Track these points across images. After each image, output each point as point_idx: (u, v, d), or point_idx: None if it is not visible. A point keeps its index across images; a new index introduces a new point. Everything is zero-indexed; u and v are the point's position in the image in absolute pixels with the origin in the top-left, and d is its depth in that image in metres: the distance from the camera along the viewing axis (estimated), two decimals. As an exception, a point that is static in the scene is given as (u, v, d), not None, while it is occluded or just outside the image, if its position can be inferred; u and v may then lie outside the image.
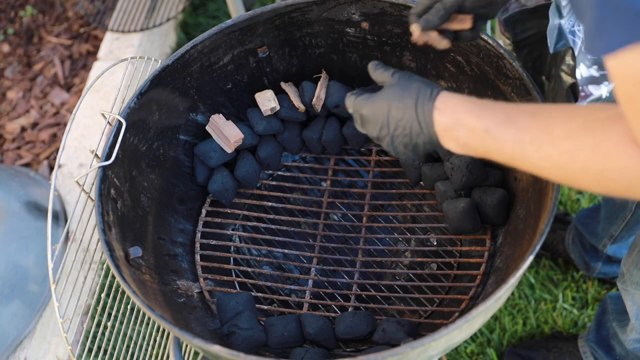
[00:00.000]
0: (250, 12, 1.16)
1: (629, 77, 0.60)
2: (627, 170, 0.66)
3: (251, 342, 1.03)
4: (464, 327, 0.84)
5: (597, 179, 0.68)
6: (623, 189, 0.68)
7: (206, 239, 1.22)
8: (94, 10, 2.30)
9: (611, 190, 0.69)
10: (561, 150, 0.70)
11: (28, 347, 1.56)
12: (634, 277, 1.20)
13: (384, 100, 0.85)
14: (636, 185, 0.66)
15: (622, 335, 1.34)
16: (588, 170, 0.68)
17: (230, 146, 1.20)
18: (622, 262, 1.23)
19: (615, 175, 0.67)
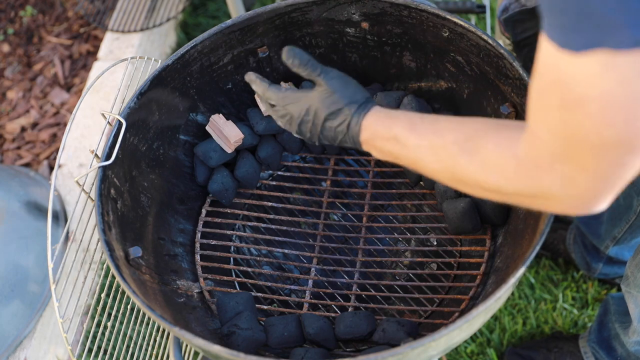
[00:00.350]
0: (250, 12, 1.16)
1: (551, 72, 0.58)
2: (500, 170, 0.70)
3: (251, 342, 1.04)
4: (464, 327, 0.84)
5: (477, 181, 0.74)
6: (495, 190, 0.73)
7: (206, 239, 1.22)
8: (94, 10, 2.30)
9: (486, 192, 0.75)
10: (449, 152, 0.76)
11: (28, 347, 1.56)
12: (638, 280, 1.20)
13: (309, 105, 0.92)
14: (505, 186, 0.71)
15: (624, 337, 1.33)
16: (468, 172, 0.74)
17: (230, 146, 1.20)
18: (627, 265, 1.23)
19: (491, 177, 0.72)
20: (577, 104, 0.57)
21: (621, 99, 0.55)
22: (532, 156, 0.66)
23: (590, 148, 0.59)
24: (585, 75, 0.55)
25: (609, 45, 0.52)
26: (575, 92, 0.56)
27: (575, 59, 0.55)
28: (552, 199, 0.67)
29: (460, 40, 1.10)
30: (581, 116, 0.57)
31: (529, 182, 0.68)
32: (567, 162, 0.62)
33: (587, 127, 0.57)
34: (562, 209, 0.68)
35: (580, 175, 0.62)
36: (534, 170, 0.66)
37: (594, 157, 0.60)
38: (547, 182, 0.65)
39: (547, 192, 0.67)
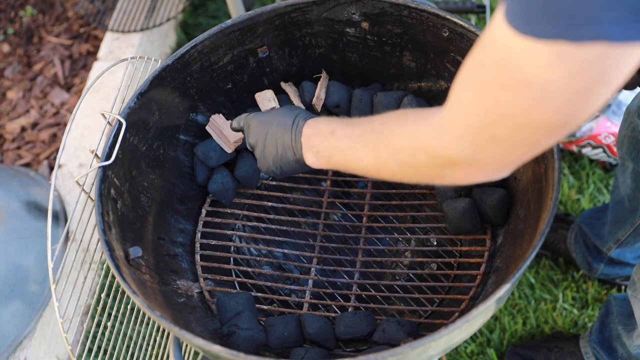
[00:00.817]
0: (250, 12, 1.16)
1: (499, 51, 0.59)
2: (415, 139, 0.74)
3: (251, 342, 1.04)
4: (464, 327, 0.84)
5: (394, 154, 0.78)
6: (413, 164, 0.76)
7: (206, 239, 1.22)
8: (94, 10, 2.30)
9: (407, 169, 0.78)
10: (375, 132, 0.81)
11: (28, 347, 1.56)
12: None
13: (271, 115, 0.99)
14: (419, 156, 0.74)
15: (628, 339, 1.33)
16: (388, 146, 0.78)
17: (230, 146, 1.20)
18: (634, 271, 1.23)
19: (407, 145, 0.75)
20: (519, 86, 0.59)
21: (563, 91, 0.57)
22: (446, 122, 0.69)
23: (513, 125, 0.62)
24: (536, 62, 0.57)
25: (569, 38, 0.54)
26: (520, 75, 0.58)
27: (531, 45, 0.56)
28: (460, 167, 0.70)
29: (460, 40, 1.10)
30: (518, 98, 0.59)
31: (438, 146, 0.71)
32: (482, 132, 0.65)
33: (520, 108, 0.60)
34: (466, 177, 0.72)
35: (492, 145, 0.65)
36: (445, 135, 0.69)
37: (511, 132, 0.63)
38: (456, 148, 0.68)
39: (455, 159, 0.70)
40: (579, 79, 0.56)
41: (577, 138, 1.79)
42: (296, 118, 0.95)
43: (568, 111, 0.59)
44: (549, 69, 0.56)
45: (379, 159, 0.81)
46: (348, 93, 1.24)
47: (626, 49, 0.54)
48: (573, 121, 0.61)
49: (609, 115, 1.75)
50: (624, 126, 1.27)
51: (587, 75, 0.56)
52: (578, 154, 1.85)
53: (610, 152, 1.79)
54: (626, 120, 1.25)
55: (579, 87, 0.57)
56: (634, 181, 1.30)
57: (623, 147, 1.28)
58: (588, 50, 0.54)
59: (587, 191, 1.80)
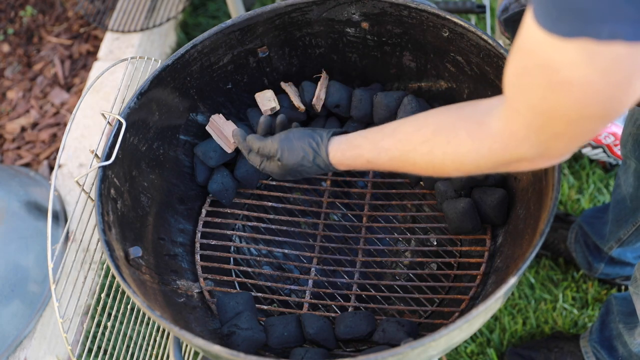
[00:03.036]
0: (250, 12, 1.16)
1: (538, 56, 0.64)
2: (477, 151, 0.78)
3: (251, 342, 1.03)
4: (464, 327, 0.84)
5: (457, 169, 0.83)
6: (473, 167, 0.81)
7: (206, 239, 1.22)
8: (94, 10, 2.30)
9: (466, 171, 0.83)
10: (421, 153, 0.85)
11: (28, 347, 1.56)
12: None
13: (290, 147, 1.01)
14: (484, 162, 0.79)
15: (629, 337, 1.33)
16: (446, 163, 0.82)
17: (230, 146, 1.20)
18: (636, 268, 1.23)
19: (468, 159, 0.80)
20: (561, 86, 0.63)
21: (602, 87, 0.62)
22: (508, 130, 0.74)
23: (567, 120, 0.67)
24: (569, 62, 0.61)
25: (590, 35, 0.58)
26: (559, 76, 0.63)
27: (562, 45, 0.60)
28: (525, 161, 0.76)
29: (460, 40, 1.10)
30: (564, 96, 0.64)
31: (505, 153, 0.76)
32: (543, 131, 0.70)
33: (568, 105, 0.65)
34: (533, 166, 0.77)
35: (555, 141, 0.71)
36: (510, 142, 0.74)
37: (569, 127, 0.68)
38: (523, 150, 0.74)
39: (522, 158, 0.75)
40: (614, 75, 0.60)
41: (577, 138, 1.78)
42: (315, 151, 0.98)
43: (612, 103, 0.63)
44: (582, 68, 0.60)
45: (438, 172, 0.86)
46: (348, 93, 1.24)
47: None
48: (620, 108, 0.65)
49: (609, 115, 1.75)
50: (629, 123, 1.26)
51: (620, 70, 0.60)
52: (578, 154, 1.85)
53: (610, 152, 1.79)
54: (632, 117, 1.24)
55: (615, 81, 0.61)
56: (636, 180, 1.30)
57: (627, 144, 1.28)
58: (613, 49, 0.58)
59: (587, 191, 1.80)
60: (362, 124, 1.25)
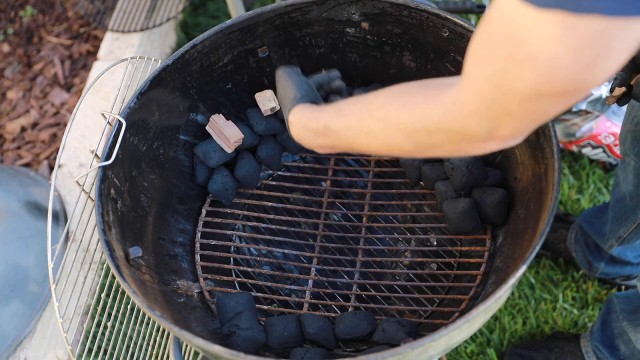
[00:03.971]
0: (250, 12, 1.16)
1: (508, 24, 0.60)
2: (429, 117, 0.74)
3: (251, 342, 1.04)
4: (464, 327, 0.84)
5: (408, 136, 0.77)
6: (425, 139, 0.76)
7: (206, 239, 1.22)
8: (94, 10, 2.30)
9: (423, 147, 0.77)
10: (377, 118, 0.80)
11: (28, 347, 1.56)
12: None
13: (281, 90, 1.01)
14: (435, 133, 0.74)
15: (634, 335, 1.33)
16: (399, 128, 0.77)
17: (230, 146, 1.20)
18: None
19: (419, 126, 0.75)
20: (526, 60, 0.60)
21: (569, 65, 0.58)
22: (460, 100, 0.70)
23: (522, 97, 0.63)
24: (542, 35, 0.58)
25: (568, 8, 0.55)
26: (527, 49, 0.59)
27: (535, 15, 0.57)
28: (475, 140, 0.72)
29: (460, 40, 1.11)
30: (526, 71, 0.60)
31: (455, 124, 0.72)
32: (495, 106, 0.66)
33: (528, 81, 0.61)
34: (482, 148, 0.73)
35: (505, 118, 0.67)
36: (460, 112, 0.70)
37: (522, 104, 0.64)
38: (472, 124, 0.70)
39: (471, 134, 0.71)
40: (584, 54, 0.57)
41: (577, 138, 1.79)
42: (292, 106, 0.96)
43: (574, 83, 0.60)
44: (554, 42, 0.57)
45: (389, 143, 0.81)
46: (348, 93, 1.24)
47: (626, 23, 0.55)
48: (580, 92, 0.62)
49: (609, 115, 1.75)
50: (627, 120, 1.26)
51: (592, 49, 0.57)
52: (578, 154, 1.85)
53: (610, 152, 1.79)
54: (630, 114, 1.24)
55: (583, 60, 0.58)
56: (636, 177, 1.30)
57: (626, 142, 1.28)
58: (589, 24, 0.55)
59: (587, 191, 1.80)
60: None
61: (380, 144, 0.81)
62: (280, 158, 1.29)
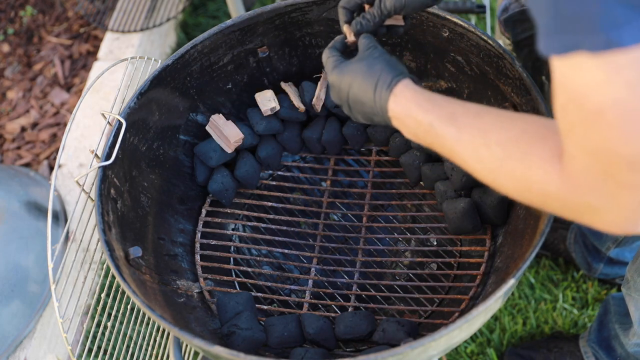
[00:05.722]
0: (250, 12, 1.16)
1: (565, 87, 0.57)
2: (544, 185, 0.68)
3: (251, 342, 1.04)
4: (464, 327, 0.84)
5: (518, 188, 0.72)
6: (540, 202, 0.71)
7: (206, 239, 1.22)
8: (94, 10, 2.30)
9: (530, 201, 0.72)
10: (493, 155, 0.73)
11: (28, 347, 1.56)
12: (637, 285, 1.20)
13: (349, 75, 0.88)
14: (550, 201, 0.69)
15: (624, 338, 1.33)
16: (512, 179, 0.71)
17: (230, 146, 1.20)
18: (627, 269, 1.23)
19: (534, 188, 0.69)
20: (593, 115, 0.55)
21: (631, 101, 0.53)
22: (572, 174, 0.64)
23: (622, 160, 0.57)
24: (593, 84, 0.54)
25: (588, 48, 0.52)
26: (587, 104, 0.55)
27: (577, 64, 0.53)
28: (598, 215, 0.65)
29: (460, 40, 1.10)
30: (600, 127, 0.56)
31: (573, 198, 0.65)
32: (606, 178, 0.60)
33: (611, 137, 0.56)
34: (610, 225, 0.65)
35: (622, 191, 0.60)
36: (575, 188, 0.64)
37: (630, 172, 0.57)
38: (592, 199, 0.63)
39: (593, 208, 0.64)
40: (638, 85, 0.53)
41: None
42: (377, 86, 0.84)
43: None
44: (607, 87, 0.53)
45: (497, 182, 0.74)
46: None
47: None
48: None
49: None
50: None
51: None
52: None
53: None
54: None
55: None
56: None
57: None
58: (624, 56, 0.52)
59: (587, 191, 1.80)
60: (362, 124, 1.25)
61: (489, 178, 0.75)
62: (280, 158, 1.29)
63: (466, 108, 0.78)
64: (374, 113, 0.86)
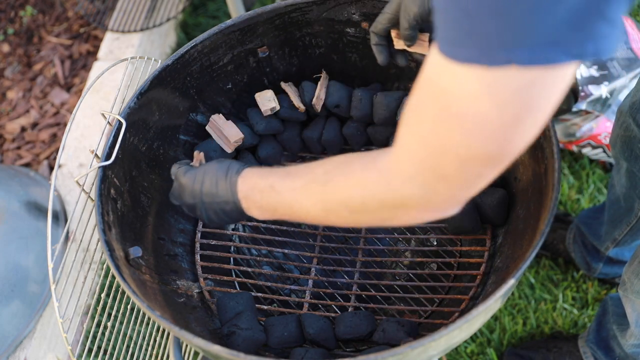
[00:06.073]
0: (250, 12, 1.16)
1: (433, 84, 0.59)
2: (364, 184, 0.72)
3: (251, 342, 1.04)
4: (464, 327, 0.84)
5: (345, 203, 0.75)
6: (366, 211, 0.74)
7: (206, 239, 1.22)
8: (94, 10, 2.30)
9: (360, 214, 0.76)
10: (320, 182, 0.78)
11: (28, 347, 1.56)
12: (634, 286, 1.20)
13: (201, 173, 0.94)
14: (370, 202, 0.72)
15: (622, 339, 1.33)
16: (336, 194, 0.76)
17: (230, 146, 1.20)
18: (624, 271, 1.23)
19: (358, 194, 0.73)
20: (454, 119, 0.58)
21: (495, 122, 0.57)
22: (394, 166, 0.68)
23: (456, 159, 0.61)
24: (466, 92, 0.56)
25: (484, 62, 0.54)
26: (453, 108, 0.58)
27: (457, 71, 0.56)
28: (412, 208, 0.70)
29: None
30: (455, 130, 0.59)
31: (389, 192, 0.70)
32: (429, 171, 0.65)
33: (458, 141, 0.60)
34: (417, 217, 0.71)
35: (441, 183, 0.65)
36: (394, 179, 0.68)
37: (457, 168, 0.62)
38: (407, 191, 0.68)
39: (407, 201, 0.69)
40: (508, 109, 0.56)
41: (577, 138, 1.79)
42: (228, 172, 0.91)
43: (503, 141, 0.59)
44: (477, 99, 0.56)
45: (328, 208, 0.80)
46: (348, 93, 1.24)
47: (543, 72, 0.54)
48: (511, 150, 0.61)
49: (608, 115, 1.75)
50: (616, 125, 1.27)
51: (515, 103, 0.56)
52: (578, 154, 1.85)
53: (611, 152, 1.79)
54: (619, 119, 1.26)
55: (509, 116, 0.57)
56: (628, 180, 1.30)
57: (616, 146, 1.29)
58: (507, 76, 0.54)
59: (587, 191, 1.80)
60: (362, 123, 1.25)
61: (319, 209, 0.80)
62: (281, 158, 1.29)
63: (300, 164, 0.85)
64: (225, 201, 0.90)
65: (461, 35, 0.54)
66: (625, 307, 1.26)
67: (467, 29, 0.54)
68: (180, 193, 0.97)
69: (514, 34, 0.52)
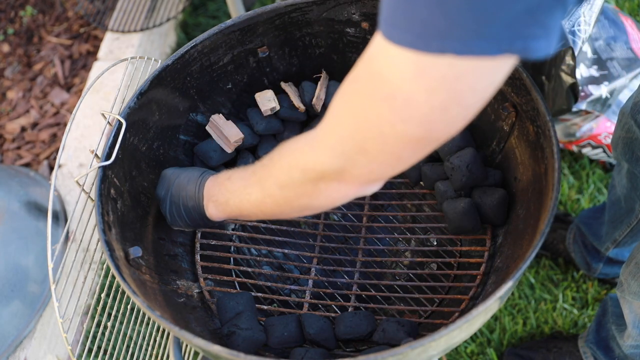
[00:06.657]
0: (250, 12, 1.16)
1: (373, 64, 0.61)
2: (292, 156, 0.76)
3: (251, 342, 1.03)
4: (464, 327, 0.84)
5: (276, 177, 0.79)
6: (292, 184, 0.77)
7: (206, 239, 1.22)
8: (94, 10, 2.30)
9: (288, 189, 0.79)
10: (263, 164, 0.84)
11: (28, 347, 1.56)
12: (631, 288, 1.20)
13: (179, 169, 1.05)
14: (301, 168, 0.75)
15: (620, 339, 1.34)
16: (271, 174, 0.81)
17: (230, 146, 1.20)
18: (621, 272, 1.24)
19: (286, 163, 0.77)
20: (385, 98, 0.61)
21: (423, 106, 0.59)
22: (320, 134, 0.71)
23: (379, 136, 0.64)
24: (400, 74, 0.58)
25: (420, 48, 0.56)
26: (387, 87, 0.60)
27: (395, 53, 0.58)
28: (332, 179, 0.72)
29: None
30: (384, 108, 0.61)
31: (311, 159, 0.72)
32: (351, 141, 0.67)
33: (385, 119, 0.62)
34: (338, 191, 0.74)
35: (360, 156, 0.67)
36: (318, 146, 0.71)
37: (378, 144, 0.65)
38: (327, 159, 0.70)
39: (326, 170, 0.71)
40: (437, 95, 0.58)
41: (577, 138, 1.79)
42: (203, 174, 0.99)
43: (429, 126, 0.61)
44: (409, 82, 0.58)
45: (264, 187, 0.82)
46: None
47: (475, 63, 0.55)
48: (435, 136, 0.63)
49: (609, 115, 1.75)
50: (618, 127, 1.27)
51: (444, 91, 0.57)
52: (578, 154, 1.85)
53: (611, 152, 1.79)
54: (620, 121, 1.26)
55: (437, 102, 0.59)
56: (629, 181, 1.30)
57: (618, 147, 1.29)
58: (440, 64, 0.56)
59: (587, 191, 1.80)
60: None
61: (258, 192, 0.85)
62: (280, 158, 1.29)
63: (246, 167, 0.91)
64: (190, 196, 0.99)
65: (400, 19, 0.56)
66: (623, 309, 1.26)
67: (407, 13, 0.56)
68: (158, 185, 1.05)
69: (449, 24, 0.54)
